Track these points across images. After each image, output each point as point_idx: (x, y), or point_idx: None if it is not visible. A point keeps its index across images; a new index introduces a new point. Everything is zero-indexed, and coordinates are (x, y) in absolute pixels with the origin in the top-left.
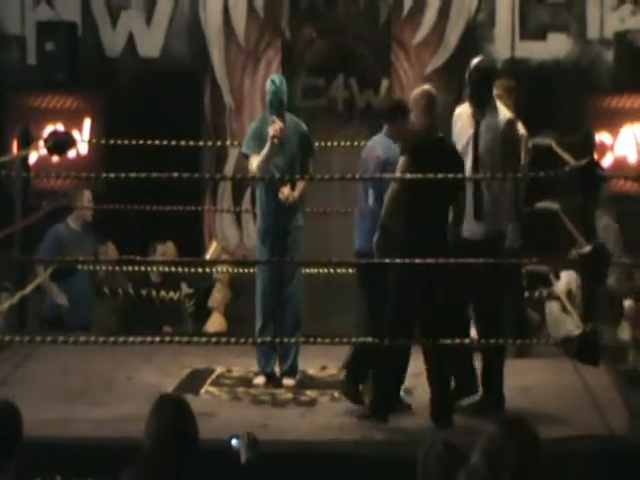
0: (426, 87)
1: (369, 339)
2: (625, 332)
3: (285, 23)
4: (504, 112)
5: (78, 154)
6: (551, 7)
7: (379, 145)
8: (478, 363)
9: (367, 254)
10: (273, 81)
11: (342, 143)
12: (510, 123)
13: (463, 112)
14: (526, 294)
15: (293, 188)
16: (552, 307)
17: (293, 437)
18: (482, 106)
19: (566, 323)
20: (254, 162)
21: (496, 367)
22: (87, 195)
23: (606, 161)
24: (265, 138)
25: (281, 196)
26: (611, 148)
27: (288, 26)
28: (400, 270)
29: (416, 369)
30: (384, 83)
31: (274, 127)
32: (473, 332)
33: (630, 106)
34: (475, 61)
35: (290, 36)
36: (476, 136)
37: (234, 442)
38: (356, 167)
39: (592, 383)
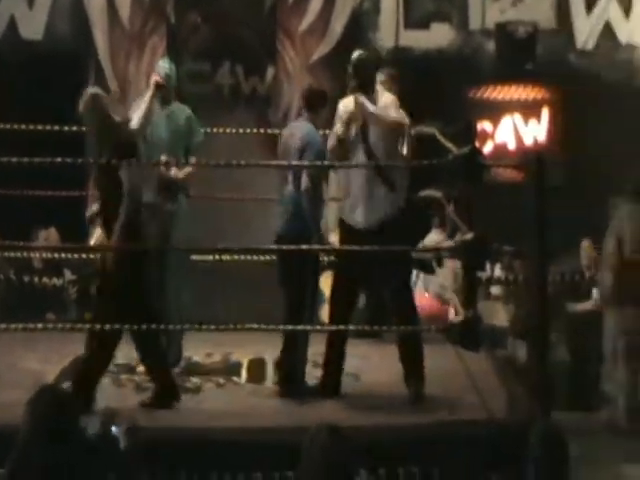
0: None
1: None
2: (502, 318)
3: (170, 8)
4: (386, 98)
5: None
6: None
7: (299, 130)
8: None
9: (288, 238)
10: (163, 64)
11: (228, 129)
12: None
13: (349, 103)
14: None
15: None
16: None
17: (177, 424)
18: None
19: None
20: (134, 116)
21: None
22: None
23: (487, 149)
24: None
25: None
26: (492, 136)
27: (173, 11)
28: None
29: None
30: (270, 70)
31: (156, 76)
32: None
33: (511, 96)
34: (356, 53)
35: (175, 21)
36: (364, 127)
37: (114, 429)
38: (241, 153)
39: (473, 368)
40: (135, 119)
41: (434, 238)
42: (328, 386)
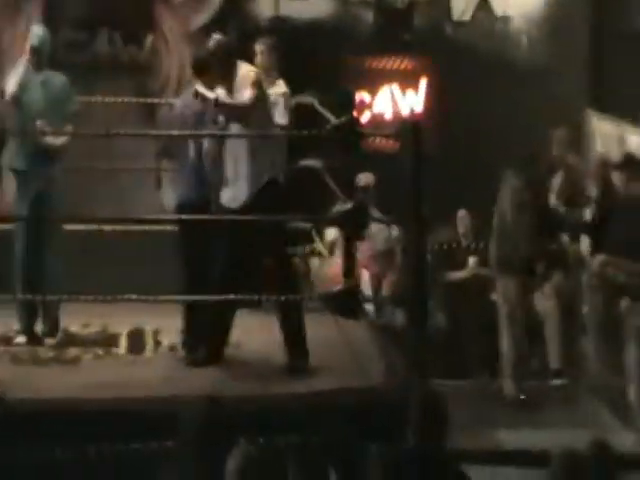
0: None
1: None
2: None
3: None
4: (242, 72)
5: None
6: None
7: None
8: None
9: (189, 206)
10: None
11: (105, 99)
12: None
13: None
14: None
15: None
16: (315, 263)
17: (54, 395)
18: (225, 78)
19: (329, 278)
20: (10, 81)
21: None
22: None
23: (365, 119)
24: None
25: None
26: (369, 106)
27: None
28: None
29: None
30: (148, 38)
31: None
32: None
33: (389, 67)
34: (212, 41)
35: None
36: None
37: None
38: (118, 123)
39: (352, 336)
40: (10, 83)
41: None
42: (211, 355)
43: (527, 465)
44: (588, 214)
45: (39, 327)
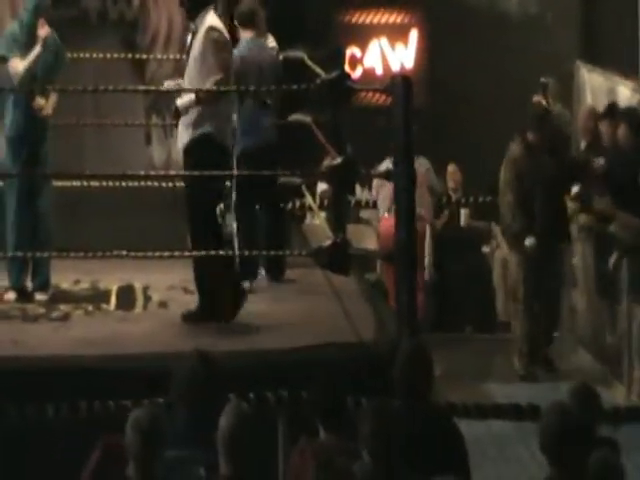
0: None
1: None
2: (371, 242)
3: None
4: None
5: None
6: None
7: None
8: None
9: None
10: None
11: (94, 55)
12: (209, 30)
13: None
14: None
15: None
16: (306, 218)
17: (45, 352)
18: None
19: (319, 233)
20: (19, 64)
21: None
22: None
23: (355, 74)
24: (20, 41)
25: (36, 106)
26: (360, 61)
27: None
28: None
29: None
30: None
31: (45, 29)
32: None
33: (378, 21)
34: None
35: None
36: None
37: None
38: (108, 79)
39: (342, 292)
40: (20, 67)
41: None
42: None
43: (518, 419)
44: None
45: (29, 283)
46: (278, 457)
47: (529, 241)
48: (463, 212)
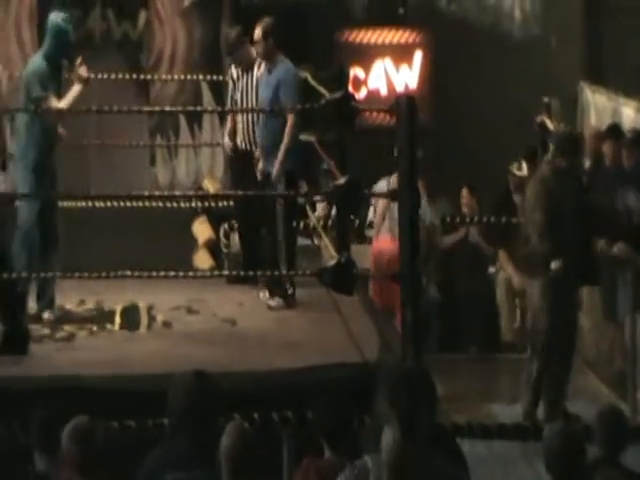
0: None
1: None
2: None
3: None
4: None
5: None
6: None
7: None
8: None
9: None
10: (64, 20)
11: (99, 75)
12: None
13: None
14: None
15: None
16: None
17: (49, 372)
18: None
19: (324, 253)
20: (60, 102)
21: None
22: None
23: (360, 94)
24: (57, 78)
25: (62, 131)
26: (364, 82)
27: None
28: None
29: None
30: (142, 15)
31: (84, 68)
32: None
33: (382, 41)
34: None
35: None
36: None
37: None
38: (112, 99)
39: (346, 311)
40: (62, 104)
41: None
42: None
43: (523, 439)
44: None
45: (32, 304)
46: (283, 477)
47: (555, 264)
48: (472, 229)
